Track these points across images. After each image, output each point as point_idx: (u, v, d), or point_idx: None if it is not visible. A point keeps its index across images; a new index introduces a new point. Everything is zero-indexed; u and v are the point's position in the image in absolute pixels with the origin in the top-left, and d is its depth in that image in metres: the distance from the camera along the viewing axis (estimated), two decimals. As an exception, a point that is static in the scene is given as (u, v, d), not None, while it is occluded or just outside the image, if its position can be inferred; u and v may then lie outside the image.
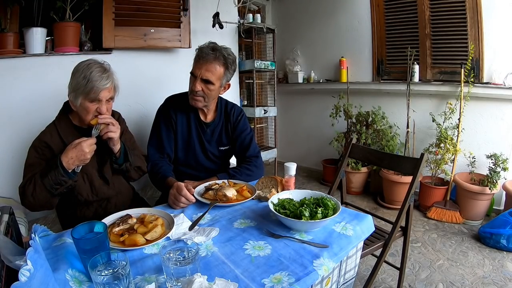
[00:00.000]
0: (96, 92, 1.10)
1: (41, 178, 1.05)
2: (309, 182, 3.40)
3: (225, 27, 2.30)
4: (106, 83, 1.12)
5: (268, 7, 3.89)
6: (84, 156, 1.07)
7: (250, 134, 1.54)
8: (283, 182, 1.22)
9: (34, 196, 1.05)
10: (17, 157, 1.68)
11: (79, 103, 1.12)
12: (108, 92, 1.15)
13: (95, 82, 1.09)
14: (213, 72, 1.31)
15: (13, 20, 1.72)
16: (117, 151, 1.22)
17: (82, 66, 1.12)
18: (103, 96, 1.13)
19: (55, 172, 1.05)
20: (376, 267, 1.32)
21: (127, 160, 1.25)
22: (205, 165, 1.52)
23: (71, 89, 1.13)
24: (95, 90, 1.10)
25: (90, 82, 1.09)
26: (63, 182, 1.07)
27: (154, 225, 0.92)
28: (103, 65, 1.15)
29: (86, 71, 1.10)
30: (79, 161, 1.07)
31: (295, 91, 3.72)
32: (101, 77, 1.11)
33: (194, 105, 1.39)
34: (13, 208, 0.86)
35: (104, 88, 1.12)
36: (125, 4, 1.92)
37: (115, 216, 0.99)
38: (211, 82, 1.33)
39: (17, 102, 1.70)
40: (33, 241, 0.65)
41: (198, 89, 1.32)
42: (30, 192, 1.05)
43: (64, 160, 1.05)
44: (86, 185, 1.22)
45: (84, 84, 1.09)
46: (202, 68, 1.31)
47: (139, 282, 0.71)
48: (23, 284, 0.54)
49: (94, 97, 1.11)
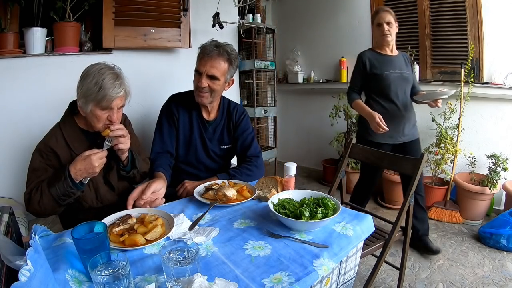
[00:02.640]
0: (108, 101, 1.06)
1: (48, 188, 1.02)
2: (309, 182, 3.40)
3: (225, 27, 2.30)
4: (119, 91, 1.07)
5: (268, 7, 3.89)
6: (92, 170, 1.03)
7: (251, 134, 1.55)
8: (283, 182, 1.22)
9: (41, 205, 1.04)
10: (17, 157, 1.68)
11: (89, 110, 1.07)
12: (121, 100, 1.10)
13: (108, 90, 1.04)
14: (217, 67, 1.34)
15: (13, 20, 1.72)
16: (124, 159, 1.20)
17: (93, 70, 1.06)
18: (115, 104, 1.08)
19: (64, 183, 1.02)
20: (376, 267, 1.32)
21: (135, 167, 1.24)
22: (205, 163, 1.52)
23: (80, 95, 1.07)
24: (108, 98, 1.05)
25: (103, 90, 1.03)
26: (71, 194, 1.05)
27: (154, 225, 0.91)
28: (115, 71, 1.10)
29: (98, 77, 1.04)
30: (87, 173, 1.04)
31: (295, 91, 3.72)
32: (113, 85, 1.05)
33: (200, 102, 1.40)
34: (13, 208, 0.86)
35: (117, 97, 1.07)
36: (125, 4, 1.92)
37: (115, 216, 0.98)
38: (216, 78, 1.35)
39: (17, 102, 1.71)
40: (33, 241, 0.65)
41: (204, 85, 1.34)
42: (37, 201, 1.03)
43: (72, 171, 1.02)
44: (92, 192, 1.20)
45: (96, 91, 1.03)
46: (207, 64, 1.33)
47: (139, 282, 0.71)
48: (23, 284, 0.54)
49: (106, 105, 1.06)
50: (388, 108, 1.87)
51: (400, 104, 1.87)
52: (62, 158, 1.12)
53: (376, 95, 1.90)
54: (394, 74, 1.84)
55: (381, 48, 1.91)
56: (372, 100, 1.92)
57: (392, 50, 1.91)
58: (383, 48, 1.91)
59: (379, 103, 1.88)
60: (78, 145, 1.14)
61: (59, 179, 1.02)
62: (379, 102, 1.88)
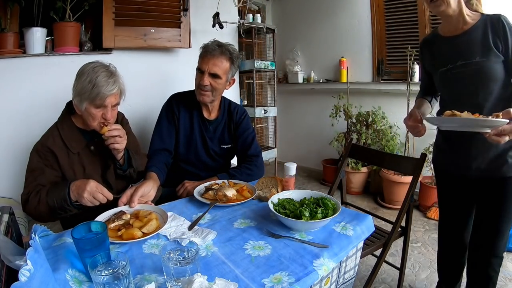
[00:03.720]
0: (102, 98, 1.06)
1: (47, 197, 1.02)
2: (309, 182, 3.40)
3: (225, 27, 2.30)
4: (113, 88, 1.08)
5: (268, 7, 3.89)
6: (81, 193, 0.99)
7: (252, 133, 1.55)
8: (283, 182, 1.22)
9: (37, 210, 1.03)
10: (17, 157, 1.68)
11: (84, 108, 1.08)
12: (115, 98, 1.11)
13: (101, 88, 1.05)
14: (220, 66, 1.36)
15: (13, 20, 1.72)
16: (120, 158, 1.19)
17: (88, 69, 1.08)
18: (109, 102, 1.09)
19: (62, 198, 1.01)
20: (376, 267, 1.32)
21: (131, 166, 1.24)
22: (206, 162, 1.53)
23: (76, 93, 1.08)
24: (101, 96, 1.05)
25: (96, 88, 1.04)
26: (68, 210, 1.04)
27: (149, 219, 0.94)
28: (109, 69, 1.11)
29: (92, 75, 1.05)
30: (76, 194, 1.01)
31: (295, 91, 3.72)
32: (107, 82, 1.06)
33: (201, 100, 1.41)
34: (13, 208, 0.86)
35: (110, 94, 1.07)
36: (125, 4, 1.92)
37: (109, 213, 1.00)
38: (218, 76, 1.37)
39: (17, 102, 1.70)
40: (33, 241, 0.65)
41: (207, 83, 1.36)
42: (34, 205, 1.03)
43: (71, 188, 1.01)
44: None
45: (90, 89, 1.04)
46: (209, 62, 1.35)
47: (139, 282, 0.71)
48: (23, 284, 0.54)
49: (100, 103, 1.07)
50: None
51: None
52: (59, 158, 1.12)
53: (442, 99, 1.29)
54: (454, 69, 1.12)
55: (443, 28, 1.18)
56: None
57: (462, 22, 1.09)
58: (444, 27, 1.17)
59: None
60: (75, 144, 1.15)
61: (59, 192, 1.01)
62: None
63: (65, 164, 1.13)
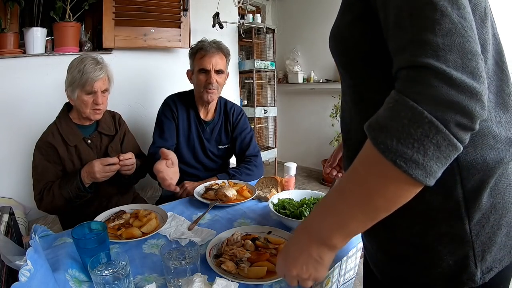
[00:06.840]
0: (91, 84, 1.14)
1: (60, 190, 1.11)
2: (309, 182, 3.40)
3: (225, 27, 2.30)
4: (100, 73, 1.16)
5: (268, 7, 3.89)
6: (93, 175, 1.09)
7: (250, 133, 1.55)
8: (283, 182, 1.22)
9: (54, 204, 1.12)
10: (17, 157, 1.68)
11: (76, 96, 1.16)
12: (103, 83, 1.18)
13: (89, 74, 1.13)
14: (221, 61, 1.42)
15: (13, 20, 1.72)
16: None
17: (76, 61, 1.16)
18: (97, 86, 1.16)
19: (75, 186, 1.10)
20: (376, 267, 1.31)
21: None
22: (204, 163, 1.52)
23: (67, 84, 1.17)
24: (90, 81, 1.13)
25: (85, 74, 1.13)
26: (83, 196, 1.14)
27: (148, 219, 0.95)
28: (96, 58, 1.19)
29: (80, 65, 1.14)
30: (90, 177, 1.11)
31: (295, 91, 3.73)
32: (94, 69, 1.14)
33: (209, 99, 1.42)
34: (13, 208, 0.86)
35: (98, 79, 1.15)
36: (125, 4, 1.92)
37: (109, 213, 1.02)
38: (222, 71, 1.42)
39: (17, 102, 1.70)
40: (33, 241, 0.65)
41: (215, 81, 1.39)
42: (49, 201, 1.12)
43: (82, 175, 1.11)
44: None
45: (79, 77, 1.13)
46: (212, 60, 1.38)
47: (139, 282, 0.71)
48: (23, 284, 0.54)
49: (89, 89, 1.15)
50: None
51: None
52: (60, 152, 1.18)
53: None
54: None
55: None
56: None
57: None
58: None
59: None
60: (72, 137, 1.21)
61: (72, 182, 1.10)
62: None
63: (65, 157, 1.19)
